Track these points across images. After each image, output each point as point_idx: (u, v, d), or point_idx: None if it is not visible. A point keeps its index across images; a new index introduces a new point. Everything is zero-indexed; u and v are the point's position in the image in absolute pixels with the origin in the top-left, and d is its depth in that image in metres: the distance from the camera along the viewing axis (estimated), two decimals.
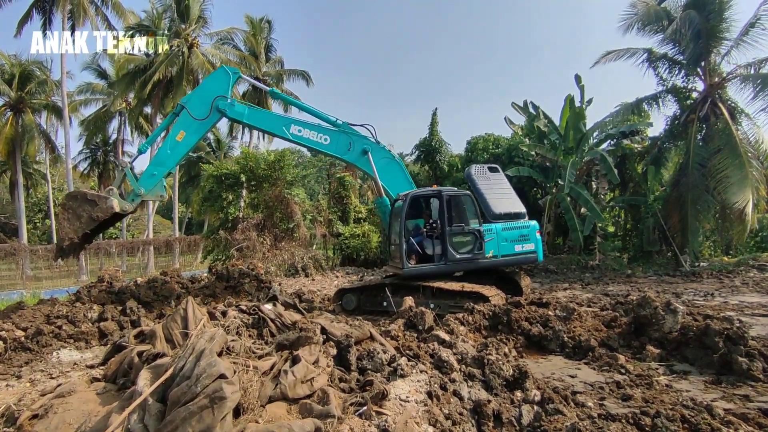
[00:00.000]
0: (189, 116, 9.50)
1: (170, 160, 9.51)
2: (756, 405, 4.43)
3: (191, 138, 9.62)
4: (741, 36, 15.43)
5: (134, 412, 2.87)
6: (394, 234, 10.03)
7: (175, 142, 9.44)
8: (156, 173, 9.30)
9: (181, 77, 26.33)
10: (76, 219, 8.45)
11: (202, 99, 9.72)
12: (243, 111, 10.01)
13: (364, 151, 10.42)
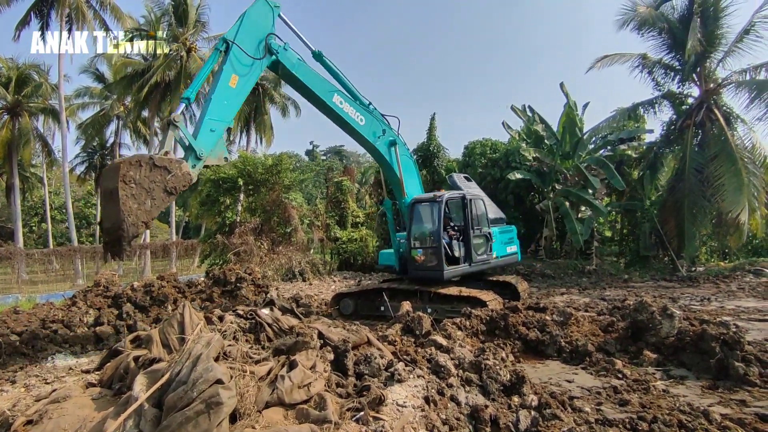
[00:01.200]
0: (241, 56, 7.51)
1: (229, 112, 7.52)
2: (753, 410, 4.44)
3: (246, 83, 7.73)
4: (736, 42, 15.58)
5: (130, 417, 2.86)
6: (426, 237, 9.61)
7: (229, 90, 7.45)
8: (215, 129, 7.14)
9: (179, 81, 26.34)
10: (146, 195, 5.93)
11: (250, 35, 7.71)
12: (294, 59, 8.37)
13: (392, 142, 9.86)
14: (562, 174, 19.23)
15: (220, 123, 7.24)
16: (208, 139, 6.97)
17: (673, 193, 16.55)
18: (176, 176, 6.27)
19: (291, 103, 34.57)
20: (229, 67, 7.37)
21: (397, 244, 10.49)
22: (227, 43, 7.38)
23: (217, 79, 7.30)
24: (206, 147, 6.87)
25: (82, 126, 34.34)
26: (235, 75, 7.38)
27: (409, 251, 9.70)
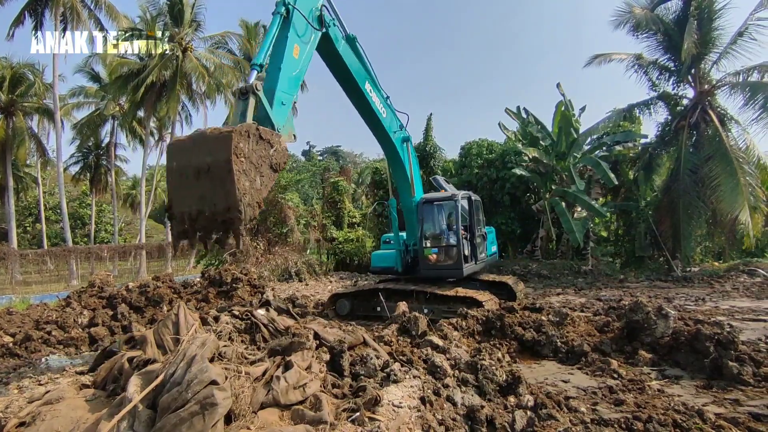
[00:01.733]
0: (300, 24, 6.79)
1: (296, 84, 6.82)
2: (746, 409, 4.46)
3: (307, 55, 7.01)
4: (730, 44, 15.67)
5: (124, 419, 2.84)
6: (443, 236, 9.72)
7: (293, 61, 6.67)
8: (285, 102, 6.44)
9: (175, 81, 26.26)
10: (255, 171, 4.98)
11: (304, 3, 6.93)
12: (340, 36, 7.81)
13: (405, 139, 9.74)
14: (558, 174, 19.29)
15: (289, 96, 6.53)
16: (281, 113, 6.28)
17: (668, 193, 16.62)
18: (278, 151, 5.47)
19: None
20: (293, 36, 6.64)
21: (399, 243, 10.32)
22: (287, 7, 6.59)
23: (281, 49, 6.55)
24: (281, 121, 6.16)
25: (77, 126, 34.15)
26: (297, 45, 6.69)
27: (422, 250, 9.69)
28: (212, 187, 4.66)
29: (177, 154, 4.91)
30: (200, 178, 4.71)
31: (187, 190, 4.82)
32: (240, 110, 5.51)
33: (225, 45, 30.69)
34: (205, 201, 4.70)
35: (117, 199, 38.80)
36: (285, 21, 6.58)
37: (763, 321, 8.60)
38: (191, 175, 4.75)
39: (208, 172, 4.67)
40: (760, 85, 14.85)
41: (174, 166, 4.89)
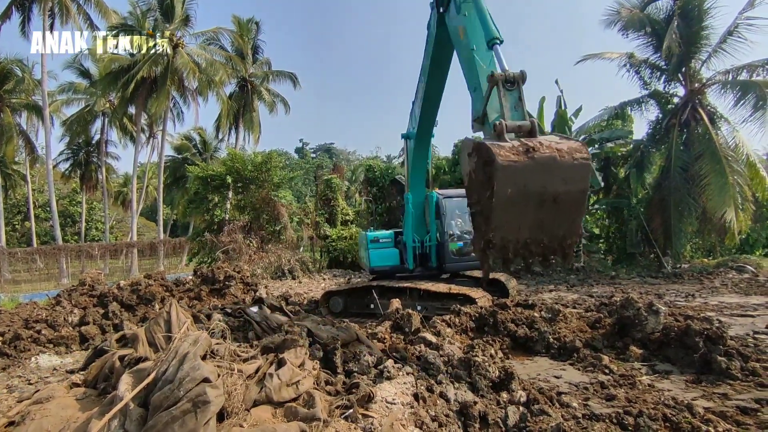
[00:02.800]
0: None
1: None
2: (734, 403, 4.53)
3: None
4: (720, 43, 15.83)
5: (115, 417, 2.82)
6: (466, 230, 10.11)
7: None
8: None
9: (166, 77, 26.01)
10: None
11: None
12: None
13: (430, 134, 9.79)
14: None
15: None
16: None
17: (660, 191, 16.78)
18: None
19: (279, 100, 34.38)
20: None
21: (411, 239, 10.11)
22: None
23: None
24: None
25: (67, 122, 33.76)
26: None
27: (447, 244, 9.89)
28: (556, 215, 4.28)
29: (514, 178, 4.12)
30: (543, 205, 4.24)
31: (520, 217, 4.31)
32: (511, 103, 4.70)
33: (217, 41, 30.46)
34: (544, 229, 4.33)
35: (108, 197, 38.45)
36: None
37: (751, 316, 8.73)
38: (532, 202, 4.23)
39: (554, 201, 4.23)
40: (751, 84, 15.02)
41: (508, 191, 4.13)
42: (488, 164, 4.14)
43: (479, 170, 4.34)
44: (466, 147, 4.70)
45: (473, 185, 4.55)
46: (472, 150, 4.45)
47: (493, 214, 4.23)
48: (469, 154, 4.57)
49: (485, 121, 4.91)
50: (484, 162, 4.22)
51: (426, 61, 7.93)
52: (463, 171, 4.87)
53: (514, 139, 4.35)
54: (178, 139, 41.87)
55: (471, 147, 4.52)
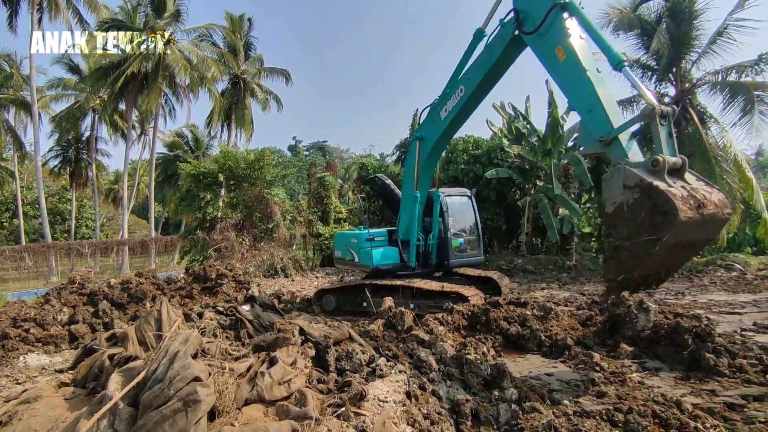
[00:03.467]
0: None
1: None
2: (721, 399, 4.59)
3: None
4: (709, 44, 15.99)
5: (104, 417, 2.79)
6: (469, 227, 10.91)
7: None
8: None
9: (157, 73, 25.74)
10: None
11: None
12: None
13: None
14: (543, 171, 19.48)
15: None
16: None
17: None
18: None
19: (272, 97, 34.19)
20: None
21: (415, 238, 10.07)
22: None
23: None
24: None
25: (56, 119, 33.29)
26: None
27: (450, 240, 10.26)
28: (686, 255, 4.85)
29: (685, 231, 4.40)
30: (684, 249, 4.69)
31: (665, 259, 4.73)
32: (665, 138, 4.98)
33: (209, 37, 30.20)
34: (666, 265, 4.78)
35: (98, 194, 38.04)
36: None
37: (739, 314, 8.85)
38: (680, 247, 4.64)
39: (692, 245, 4.72)
40: (739, 87, 15.19)
41: (673, 242, 4.44)
42: (665, 215, 4.28)
43: (646, 212, 4.46)
44: (627, 178, 4.63)
45: (627, 221, 4.62)
46: (640, 188, 4.47)
47: (650, 258, 4.51)
48: (628, 186, 4.57)
49: (614, 144, 5.15)
50: (658, 209, 4.36)
51: (474, 75, 8.00)
52: (610, 199, 4.85)
53: (673, 179, 4.60)
54: (169, 137, 41.51)
55: (637, 182, 4.51)
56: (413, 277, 9.88)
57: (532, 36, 6.51)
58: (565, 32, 6.05)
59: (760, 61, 15.21)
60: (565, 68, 6.02)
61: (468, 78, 8.18)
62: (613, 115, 5.40)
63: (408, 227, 10.03)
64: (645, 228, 4.47)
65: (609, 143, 5.22)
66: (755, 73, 15.42)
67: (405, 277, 9.84)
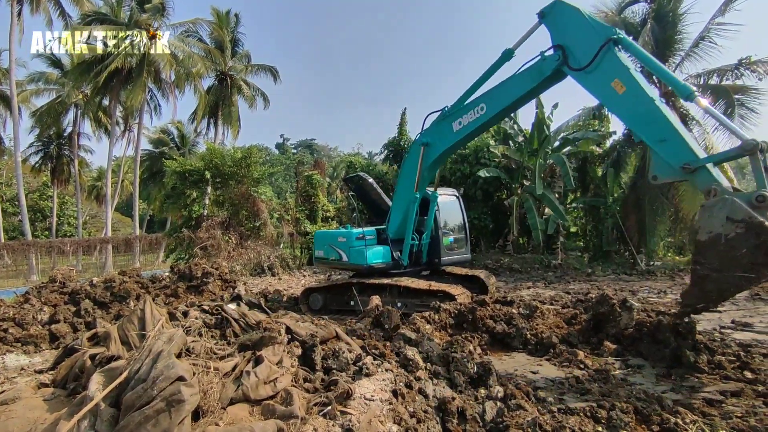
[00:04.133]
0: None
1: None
2: (701, 395, 4.69)
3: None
4: (692, 47, 16.31)
5: (84, 418, 2.74)
6: (457, 226, 11.10)
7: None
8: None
9: (142, 69, 25.32)
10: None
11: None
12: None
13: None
14: (529, 170, 19.67)
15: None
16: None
17: (635, 190, 17.21)
18: None
19: (259, 94, 33.89)
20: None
21: (410, 237, 10.05)
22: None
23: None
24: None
25: (37, 113, 32.52)
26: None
27: (441, 239, 10.51)
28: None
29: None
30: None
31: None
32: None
33: (195, 33, 29.80)
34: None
35: (81, 191, 37.31)
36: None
37: (718, 312, 9.04)
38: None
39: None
40: (721, 89, 15.53)
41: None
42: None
43: (748, 249, 4.50)
44: (733, 211, 4.63)
45: (722, 253, 4.66)
46: (748, 225, 4.50)
47: (736, 289, 4.83)
48: (733, 219, 4.60)
49: (701, 172, 5.18)
50: (764, 249, 4.42)
51: (501, 98, 7.99)
52: (706, 227, 4.86)
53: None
54: (155, 133, 40.85)
55: (745, 218, 4.52)
56: (401, 275, 9.88)
57: (580, 72, 6.54)
58: (622, 65, 6.11)
59: (740, 65, 15.56)
60: (626, 101, 6.09)
61: (492, 99, 8.12)
62: (690, 141, 5.46)
63: (400, 226, 10.02)
64: (741, 265, 4.53)
65: (694, 171, 5.24)
66: (735, 77, 15.78)
67: (392, 275, 9.83)
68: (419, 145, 9.37)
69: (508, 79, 7.87)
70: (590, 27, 6.45)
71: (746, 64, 15.43)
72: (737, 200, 4.64)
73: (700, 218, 5.02)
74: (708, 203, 4.93)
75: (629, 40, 6.25)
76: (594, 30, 6.39)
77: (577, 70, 6.57)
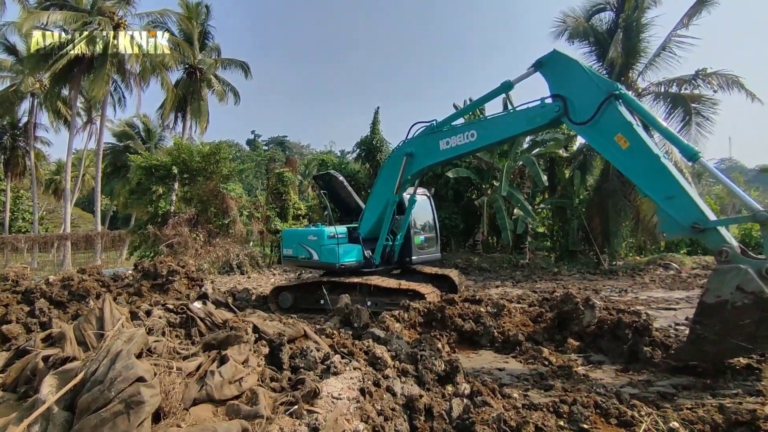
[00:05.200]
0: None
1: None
2: (655, 389, 4.92)
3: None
4: (654, 57, 17.03)
5: (35, 422, 2.61)
6: (428, 226, 11.39)
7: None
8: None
9: (105, 59, 24.32)
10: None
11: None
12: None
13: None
14: (499, 171, 20.06)
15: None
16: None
17: (599, 192, 17.83)
18: None
19: (230, 89, 33.18)
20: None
21: (384, 238, 10.04)
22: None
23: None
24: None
25: None
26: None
27: (414, 239, 10.71)
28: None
29: None
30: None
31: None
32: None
33: (163, 24, 28.87)
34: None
35: (37, 185, 35.53)
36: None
37: (674, 309, 9.50)
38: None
39: None
40: (679, 98, 16.28)
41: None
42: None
43: (753, 321, 4.66)
44: (745, 282, 4.71)
45: (725, 319, 4.78)
46: (758, 299, 4.61)
47: (732, 355, 5.12)
48: (744, 290, 4.70)
49: (710, 233, 5.29)
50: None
51: (494, 131, 7.92)
52: (714, 290, 4.93)
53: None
54: (119, 126, 39.30)
55: (756, 291, 4.62)
56: (372, 274, 9.89)
57: (583, 126, 6.54)
58: (625, 121, 6.13)
59: (697, 76, 16.36)
60: (630, 156, 6.12)
61: (485, 129, 8.04)
62: (698, 200, 5.54)
63: (374, 226, 10.02)
64: (743, 334, 4.70)
65: (703, 230, 5.35)
66: (692, 87, 16.57)
67: (363, 274, 9.83)
68: (402, 154, 9.17)
69: (504, 114, 7.90)
70: (591, 81, 6.43)
71: (703, 76, 16.23)
72: (751, 271, 4.73)
73: (711, 281, 5.08)
74: (721, 268, 4.99)
75: (630, 96, 6.30)
76: (595, 84, 6.38)
77: (579, 124, 6.57)
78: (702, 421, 3.88)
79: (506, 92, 7.89)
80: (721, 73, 16.05)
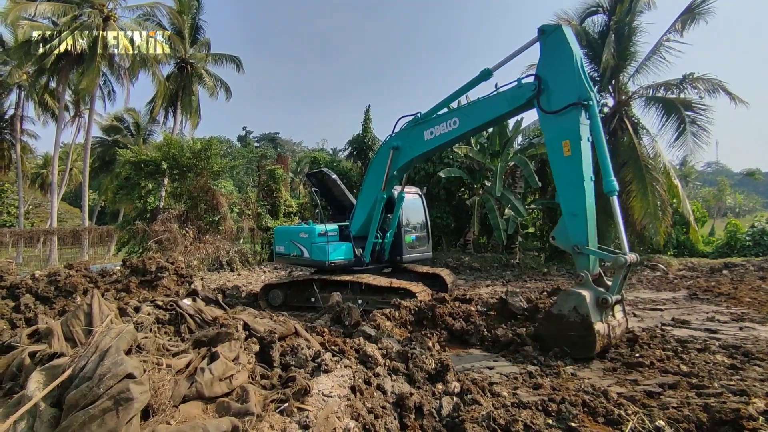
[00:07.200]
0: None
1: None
2: (642, 388, 4.98)
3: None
4: (645, 61, 17.24)
5: (22, 419, 2.57)
6: (420, 225, 11.36)
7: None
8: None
9: (94, 52, 23.96)
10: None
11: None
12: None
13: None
14: (491, 171, 20.16)
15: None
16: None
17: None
18: None
19: (221, 85, 32.88)
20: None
21: (373, 235, 10.11)
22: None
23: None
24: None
25: None
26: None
27: (405, 237, 10.71)
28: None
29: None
30: None
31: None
32: (620, 284, 6.38)
33: (154, 17, 28.50)
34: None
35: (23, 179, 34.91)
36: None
37: (660, 310, 9.64)
38: None
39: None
40: (669, 102, 16.51)
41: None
42: (586, 347, 5.95)
43: (576, 334, 5.96)
44: (580, 306, 5.91)
45: (560, 328, 6.10)
46: (584, 321, 5.89)
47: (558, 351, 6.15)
48: (577, 311, 5.94)
49: (583, 257, 6.38)
50: (584, 341, 5.93)
51: (475, 116, 8.02)
52: (560, 305, 6.13)
53: (607, 313, 6.15)
54: (108, 120, 38.76)
55: (584, 315, 5.87)
56: (363, 272, 9.90)
57: (547, 115, 6.76)
58: (578, 132, 6.40)
59: (684, 80, 16.60)
60: (565, 164, 6.61)
61: (467, 115, 8.12)
62: (591, 228, 6.39)
63: (365, 224, 10.01)
64: (566, 342, 6.02)
65: (579, 253, 6.36)
66: (680, 91, 16.82)
67: (354, 272, 9.83)
68: (389, 148, 9.24)
69: (484, 98, 7.93)
70: (573, 76, 6.56)
71: (690, 80, 16.47)
72: (585, 300, 5.84)
73: (560, 297, 6.23)
74: (571, 290, 6.16)
75: (596, 111, 6.52)
76: (574, 82, 6.53)
77: (545, 111, 6.77)
78: (687, 420, 3.94)
79: (485, 80, 7.93)
80: (707, 78, 16.30)
